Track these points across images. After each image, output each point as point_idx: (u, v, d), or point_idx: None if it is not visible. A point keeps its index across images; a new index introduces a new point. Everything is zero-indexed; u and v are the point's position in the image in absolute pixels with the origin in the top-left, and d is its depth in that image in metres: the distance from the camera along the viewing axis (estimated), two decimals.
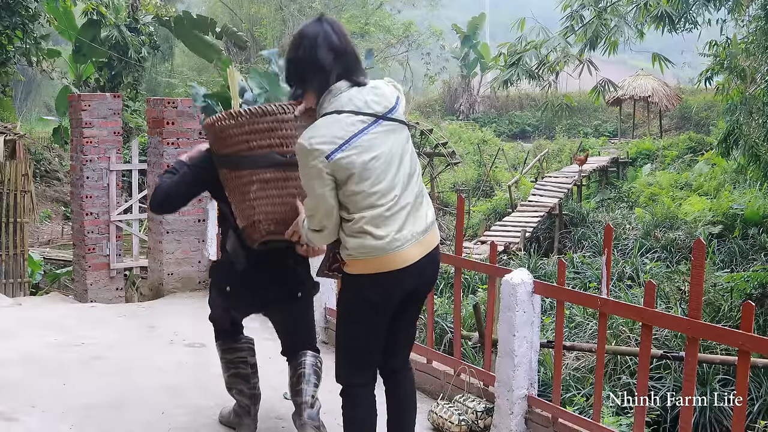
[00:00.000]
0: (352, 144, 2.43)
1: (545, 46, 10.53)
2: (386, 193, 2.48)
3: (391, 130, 2.53)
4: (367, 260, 2.50)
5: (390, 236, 2.48)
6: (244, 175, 2.84)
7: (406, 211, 2.53)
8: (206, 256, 6.07)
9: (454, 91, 35.06)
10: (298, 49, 2.56)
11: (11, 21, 11.75)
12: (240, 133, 2.80)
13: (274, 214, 2.86)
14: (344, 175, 2.44)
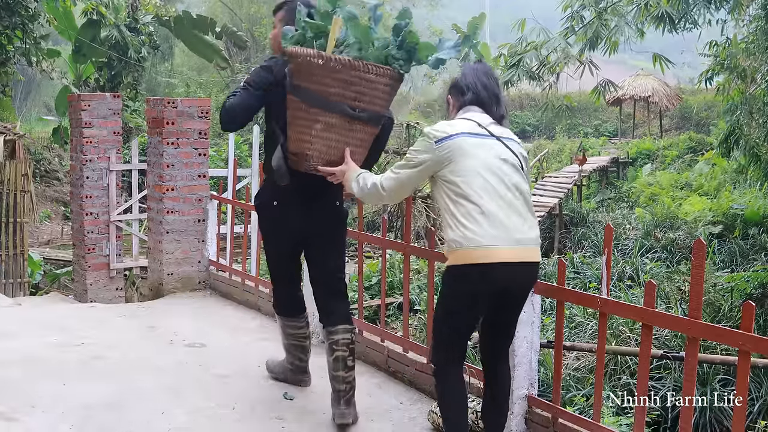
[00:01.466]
0: (460, 137, 2.84)
1: (545, 47, 10.53)
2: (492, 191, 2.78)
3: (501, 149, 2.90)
4: (470, 252, 2.72)
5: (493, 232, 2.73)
6: (314, 112, 3.12)
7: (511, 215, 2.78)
8: (206, 256, 6.07)
9: None
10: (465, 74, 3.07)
11: (11, 21, 11.75)
12: (324, 76, 3.06)
13: (326, 155, 3.17)
14: (445, 162, 2.82)
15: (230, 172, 7.32)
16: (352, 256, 16.05)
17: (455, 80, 3.12)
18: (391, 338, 4.24)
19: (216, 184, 8.34)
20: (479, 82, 3.02)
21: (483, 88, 3.01)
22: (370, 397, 3.86)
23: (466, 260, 2.74)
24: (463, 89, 3.04)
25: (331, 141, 3.16)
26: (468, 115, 2.96)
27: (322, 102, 3.10)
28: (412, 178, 2.94)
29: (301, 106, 3.14)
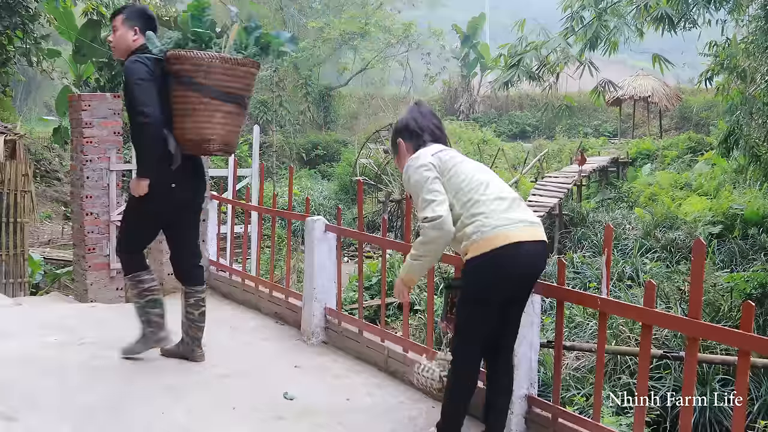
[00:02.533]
0: (448, 151, 3.14)
1: (545, 47, 10.53)
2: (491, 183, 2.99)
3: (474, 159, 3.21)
4: (492, 238, 2.85)
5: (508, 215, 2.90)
6: (215, 104, 3.78)
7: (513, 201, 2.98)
8: (206, 256, 6.07)
9: (454, 91, 35.05)
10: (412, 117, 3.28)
11: (11, 21, 11.74)
12: (223, 73, 3.76)
13: (224, 138, 3.88)
14: (445, 170, 3.01)
15: (230, 172, 7.32)
16: (352, 256, 16.07)
17: (404, 125, 3.27)
18: (391, 338, 4.25)
19: (216, 184, 8.35)
20: (431, 123, 3.26)
21: (437, 129, 3.27)
22: (370, 397, 3.86)
23: (491, 246, 2.84)
24: (418, 132, 3.23)
25: (228, 126, 3.86)
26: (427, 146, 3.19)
27: (222, 95, 3.77)
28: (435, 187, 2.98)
29: (200, 99, 3.74)
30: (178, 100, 3.81)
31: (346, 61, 31.50)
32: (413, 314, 10.39)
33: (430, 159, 3.05)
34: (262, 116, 25.69)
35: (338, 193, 22.84)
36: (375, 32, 28.61)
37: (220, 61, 3.75)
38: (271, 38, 3.99)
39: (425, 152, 3.11)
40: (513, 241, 2.84)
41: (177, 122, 3.84)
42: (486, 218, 2.88)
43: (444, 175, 3.01)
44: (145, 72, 3.77)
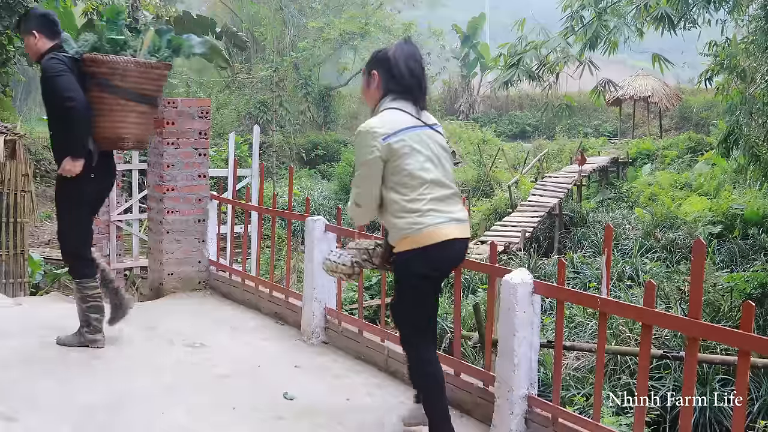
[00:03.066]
0: (406, 133, 3.03)
1: (545, 47, 10.53)
2: (436, 179, 3.06)
3: (435, 136, 3.14)
4: (424, 234, 2.99)
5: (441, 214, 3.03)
6: (129, 105, 4.11)
7: (450, 198, 3.10)
8: (206, 256, 6.07)
9: (454, 91, 35.05)
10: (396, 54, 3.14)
11: (11, 21, 11.73)
12: (138, 76, 4.10)
13: (138, 136, 4.25)
14: (393, 157, 3.00)
15: (230, 172, 7.32)
16: None
17: (383, 57, 3.16)
18: (391, 338, 4.24)
19: (216, 184, 8.35)
20: (407, 67, 3.12)
21: (410, 75, 3.12)
22: (370, 396, 3.86)
23: (421, 242, 3.01)
24: (393, 72, 3.12)
25: (141, 125, 4.22)
26: (397, 105, 3.10)
27: (138, 97, 4.11)
28: (370, 179, 3.05)
29: (118, 101, 4.06)
30: (94, 100, 4.05)
31: (346, 61, 31.49)
32: None
33: (382, 143, 3.00)
34: (262, 116, 25.67)
35: (338, 193, 22.83)
36: (375, 32, 28.59)
37: (135, 65, 4.08)
38: (181, 41, 4.32)
39: (385, 122, 3.04)
40: (442, 240, 3.02)
41: (95, 122, 4.08)
42: (420, 217, 3.01)
43: (390, 161, 3.03)
44: (62, 66, 3.98)
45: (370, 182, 3.05)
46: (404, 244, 3.04)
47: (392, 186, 3.04)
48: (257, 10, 28.67)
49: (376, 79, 3.16)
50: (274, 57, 26.52)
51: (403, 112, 3.08)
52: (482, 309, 7.08)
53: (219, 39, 19.57)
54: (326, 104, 30.77)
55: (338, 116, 31.54)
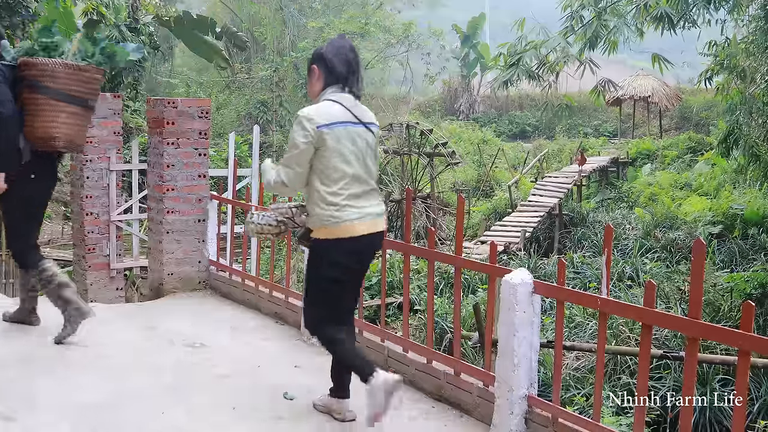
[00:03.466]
0: (338, 127, 3.28)
1: (545, 47, 10.54)
2: (357, 175, 3.32)
3: (366, 135, 3.39)
4: (340, 227, 3.26)
5: (359, 210, 3.29)
6: (61, 105, 4.25)
7: (368, 195, 3.36)
8: (206, 256, 6.07)
9: (454, 91, 35.06)
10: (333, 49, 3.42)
11: (11, 21, 11.73)
12: (68, 78, 4.26)
13: (69, 137, 4.34)
14: (322, 146, 3.25)
15: (230, 172, 7.32)
16: None
17: (322, 53, 3.44)
18: (391, 338, 4.25)
19: (216, 184, 8.36)
20: (345, 60, 3.39)
21: (346, 66, 3.39)
22: None
23: (336, 234, 3.28)
24: (332, 66, 3.38)
25: (73, 126, 4.34)
26: (335, 97, 3.35)
27: (67, 97, 4.27)
28: (300, 162, 3.29)
29: (48, 101, 4.21)
30: (27, 101, 4.25)
31: None
32: (413, 314, 10.39)
33: (315, 131, 3.24)
34: (262, 116, 25.67)
35: None
36: (375, 32, 28.59)
37: (63, 66, 4.26)
38: (114, 48, 4.54)
39: (322, 112, 3.28)
40: (356, 234, 3.28)
41: (27, 121, 4.26)
42: (338, 211, 3.26)
43: (320, 149, 3.26)
44: None
45: (300, 165, 3.29)
46: (322, 233, 3.31)
47: (317, 174, 3.29)
48: (257, 10, 28.67)
49: (316, 73, 3.43)
50: (274, 57, 26.53)
51: (339, 105, 3.33)
52: (482, 309, 7.08)
53: (219, 39, 19.54)
54: None
55: None
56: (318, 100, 3.41)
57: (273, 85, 25.67)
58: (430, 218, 18.92)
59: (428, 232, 4.08)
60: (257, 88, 27.19)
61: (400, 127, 20.47)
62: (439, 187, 21.22)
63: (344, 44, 3.46)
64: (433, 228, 4.70)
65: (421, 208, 19.29)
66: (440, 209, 20.24)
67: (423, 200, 19.53)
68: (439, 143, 19.08)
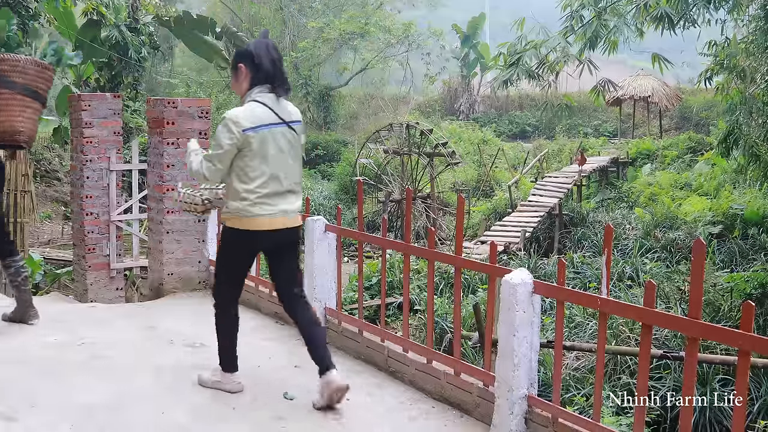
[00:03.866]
0: (262, 129, 3.52)
1: (545, 46, 10.54)
2: (275, 175, 3.56)
3: (288, 134, 3.62)
4: (249, 220, 3.56)
5: (272, 206, 3.57)
6: (26, 101, 4.43)
7: (283, 194, 3.61)
8: (206, 256, 6.07)
9: (454, 91, 35.05)
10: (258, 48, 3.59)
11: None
12: (37, 75, 4.45)
13: (30, 131, 4.53)
14: (246, 148, 3.50)
15: None
16: (352, 256, 16.07)
17: (247, 51, 3.62)
18: (391, 338, 4.25)
19: None
20: (270, 59, 3.58)
21: (271, 65, 3.58)
22: (370, 397, 3.86)
23: (245, 226, 3.58)
24: (257, 65, 3.57)
25: (34, 121, 4.54)
26: (261, 98, 3.57)
27: (33, 93, 4.44)
28: (223, 161, 3.54)
29: (15, 95, 4.38)
30: None
31: (346, 61, 31.50)
32: (413, 314, 10.39)
33: (241, 134, 3.48)
34: None
35: (338, 193, 22.83)
36: (375, 32, 28.61)
37: (33, 63, 4.47)
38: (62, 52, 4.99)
39: (249, 115, 3.51)
40: (265, 229, 3.57)
41: None
42: (250, 206, 3.54)
43: (243, 149, 3.51)
44: None
45: (223, 163, 3.55)
46: (233, 222, 3.62)
47: (236, 171, 3.56)
48: (257, 10, 28.69)
49: (243, 72, 3.60)
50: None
51: (265, 106, 3.55)
52: (482, 309, 7.08)
53: (219, 39, 19.56)
54: (326, 104, 30.78)
55: (338, 116, 31.55)
56: (244, 99, 3.61)
57: None
58: (430, 218, 18.92)
59: (428, 232, 4.08)
60: None
61: (400, 127, 20.47)
62: (439, 187, 21.22)
63: (269, 43, 3.63)
64: (433, 228, 4.71)
65: (421, 208, 19.29)
66: (440, 209, 20.25)
67: (423, 200, 19.53)
68: (439, 143, 19.09)
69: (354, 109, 32.94)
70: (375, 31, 28.53)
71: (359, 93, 34.01)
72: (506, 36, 14.07)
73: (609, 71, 21.66)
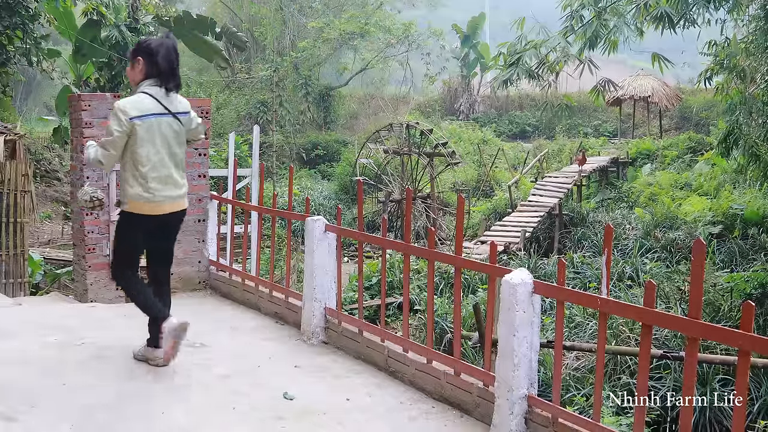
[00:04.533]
0: (149, 118, 3.89)
1: (545, 46, 10.54)
2: (162, 162, 3.95)
3: (174, 124, 4.00)
4: (141, 204, 3.95)
5: (161, 192, 3.97)
6: None
7: (170, 179, 4.00)
8: (206, 256, 6.07)
9: (454, 91, 35.03)
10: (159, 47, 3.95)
11: (11, 21, 11.73)
12: None
13: None
14: (133, 135, 3.86)
15: (230, 172, 7.32)
16: (352, 256, 16.07)
17: (148, 47, 3.95)
18: (391, 338, 4.25)
19: (216, 184, 8.35)
20: (168, 59, 3.94)
21: (167, 64, 3.94)
22: (370, 397, 3.86)
23: (139, 210, 3.97)
24: (154, 62, 3.93)
25: None
26: (150, 90, 3.93)
27: None
28: (115, 146, 3.88)
29: None
30: None
31: (346, 61, 31.49)
32: (413, 314, 10.39)
33: (128, 122, 3.84)
34: (262, 116, 25.67)
35: (338, 193, 22.83)
36: (375, 32, 28.59)
37: None
38: None
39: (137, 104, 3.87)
40: (155, 213, 3.99)
41: None
42: (143, 192, 3.93)
43: (131, 137, 3.87)
44: None
45: (115, 148, 3.88)
46: (129, 206, 3.99)
47: (128, 158, 3.92)
48: (257, 10, 28.68)
49: (140, 64, 3.96)
50: (274, 57, 26.53)
51: (152, 98, 3.91)
52: (482, 309, 7.08)
53: (219, 39, 19.55)
54: (326, 104, 30.77)
55: (338, 116, 31.54)
56: (136, 90, 4.00)
57: (273, 85, 25.67)
58: (430, 218, 18.92)
59: (428, 232, 4.08)
60: (257, 88, 27.20)
61: (400, 127, 20.47)
62: (439, 187, 21.22)
63: (169, 44, 3.98)
64: (433, 228, 4.71)
65: (421, 208, 19.29)
66: (440, 209, 20.25)
67: (423, 200, 19.53)
68: (439, 143, 19.09)
69: (354, 109, 32.93)
70: (375, 31, 28.51)
71: (359, 93, 34.01)
72: (506, 36, 14.07)
73: (609, 71, 21.65)
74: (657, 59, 10.90)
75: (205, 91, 27.75)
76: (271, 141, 23.85)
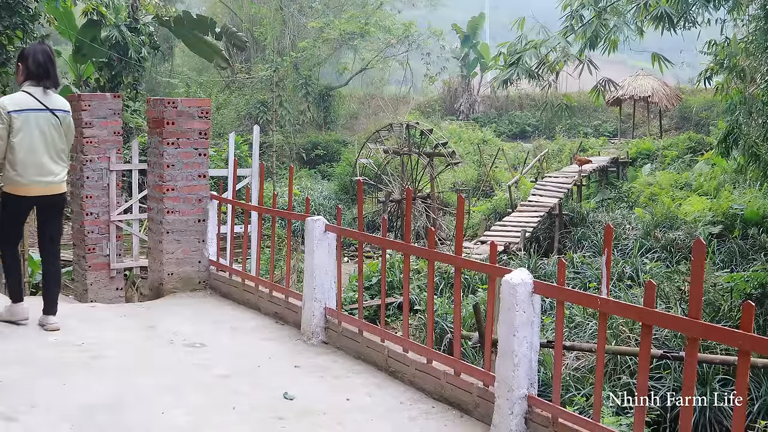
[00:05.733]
0: (26, 113, 4.56)
1: (545, 46, 10.54)
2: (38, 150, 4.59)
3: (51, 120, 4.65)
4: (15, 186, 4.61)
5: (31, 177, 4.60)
6: None
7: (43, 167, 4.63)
8: (206, 256, 6.07)
9: (454, 91, 35.03)
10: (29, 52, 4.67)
11: (11, 21, 11.72)
12: None
13: None
14: (12, 127, 4.51)
15: (230, 172, 7.32)
16: (352, 256, 16.07)
17: (24, 54, 4.66)
18: (391, 338, 4.25)
19: (216, 184, 8.34)
20: (35, 61, 4.61)
21: (37, 66, 4.62)
22: (370, 397, 3.86)
23: (19, 192, 4.62)
24: (28, 65, 4.62)
25: None
26: (29, 89, 4.61)
27: None
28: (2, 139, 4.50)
29: None
30: None
31: (346, 61, 31.49)
32: (413, 314, 10.40)
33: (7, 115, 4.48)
34: (262, 116, 25.66)
35: (338, 193, 22.84)
36: (375, 32, 28.59)
37: None
38: None
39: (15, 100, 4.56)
40: (30, 195, 4.65)
41: None
42: (18, 176, 4.58)
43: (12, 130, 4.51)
44: None
45: (1, 138, 4.50)
46: (8, 189, 4.64)
47: (10, 147, 4.53)
48: (257, 10, 28.66)
49: (20, 68, 4.65)
50: (274, 57, 26.53)
51: (30, 95, 4.58)
52: (482, 309, 7.08)
53: (219, 39, 19.56)
54: (326, 104, 30.77)
55: (338, 116, 31.54)
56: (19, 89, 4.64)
57: (273, 85, 25.67)
58: (430, 218, 18.92)
59: (428, 232, 4.08)
60: (257, 88, 27.19)
61: (400, 127, 20.47)
62: (439, 187, 21.22)
63: (41, 48, 4.70)
64: (433, 228, 4.71)
65: (421, 208, 19.30)
66: (440, 209, 20.25)
67: (423, 200, 19.54)
68: (439, 143, 19.09)
69: (354, 109, 32.93)
70: (375, 31, 28.50)
71: (359, 93, 34.00)
72: (506, 36, 14.07)
73: (609, 71, 21.65)
74: (657, 59, 10.90)
75: (205, 91, 27.75)
76: (271, 141, 23.85)
